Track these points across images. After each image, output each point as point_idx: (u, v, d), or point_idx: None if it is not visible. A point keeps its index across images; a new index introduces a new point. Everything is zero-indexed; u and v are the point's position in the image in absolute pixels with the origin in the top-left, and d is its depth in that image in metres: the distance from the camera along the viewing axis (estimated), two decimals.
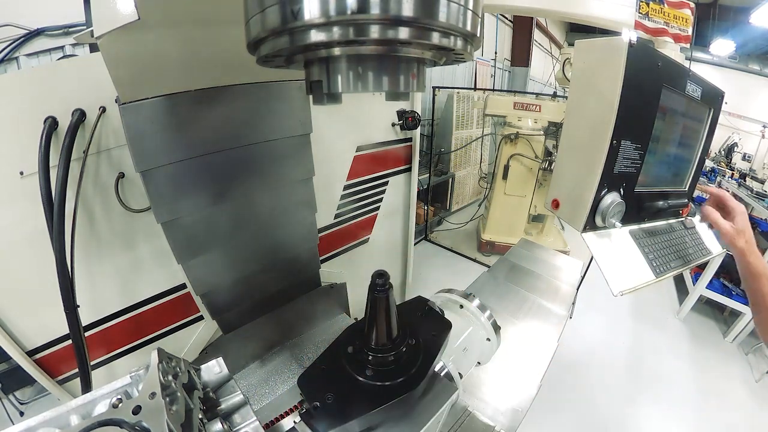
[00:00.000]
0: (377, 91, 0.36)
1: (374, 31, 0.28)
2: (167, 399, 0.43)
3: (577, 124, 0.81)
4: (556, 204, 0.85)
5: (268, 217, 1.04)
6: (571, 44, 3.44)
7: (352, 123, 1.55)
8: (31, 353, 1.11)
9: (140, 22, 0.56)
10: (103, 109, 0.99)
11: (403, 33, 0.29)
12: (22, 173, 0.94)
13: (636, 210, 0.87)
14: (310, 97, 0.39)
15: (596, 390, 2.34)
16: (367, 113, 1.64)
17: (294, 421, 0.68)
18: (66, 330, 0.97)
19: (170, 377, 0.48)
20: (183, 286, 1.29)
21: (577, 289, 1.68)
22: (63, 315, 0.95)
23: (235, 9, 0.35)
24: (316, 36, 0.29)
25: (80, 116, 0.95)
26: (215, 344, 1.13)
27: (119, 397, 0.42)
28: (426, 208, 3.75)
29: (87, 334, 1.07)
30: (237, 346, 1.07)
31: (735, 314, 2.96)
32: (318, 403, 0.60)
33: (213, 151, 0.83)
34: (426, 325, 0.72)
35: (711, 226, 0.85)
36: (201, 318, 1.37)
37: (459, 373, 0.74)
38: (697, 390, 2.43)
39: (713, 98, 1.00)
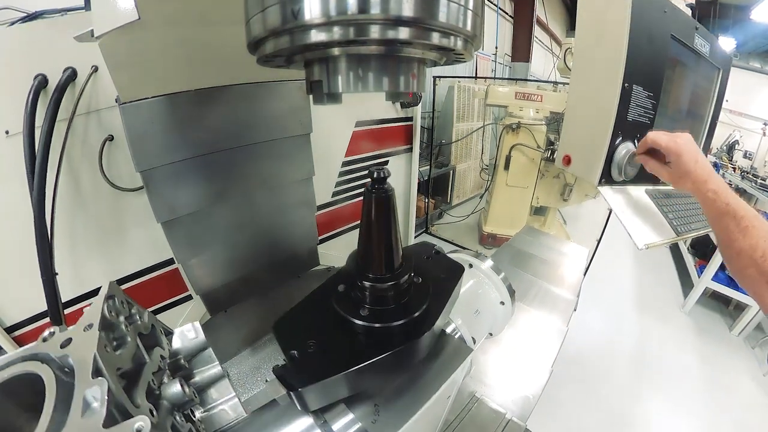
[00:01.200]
0: (377, 91, 0.36)
1: (374, 31, 0.28)
2: (113, 342, 0.38)
3: (586, 73, 0.78)
4: (567, 160, 0.80)
5: (268, 217, 1.03)
6: (571, 35, 3.42)
7: (351, 95, 1.50)
8: (9, 330, 1.05)
9: (140, 21, 0.56)
10: (95, 68, 0.95)
11: (404, 33, 0.29)
12: (7, 132, 0.90)
13: None
14: (310, 96, 0.39)
15: (603, 383, 2.29)
16: None
17: (266, 380, 0.59)
18: (46, 306, 0.92)
19: (121, 318, 0.42)
20: (171, 262, 1.23)
21: (584, 274, 1.64)
22: (43, 290, 0.90)
23: (235, 9, 0.35)
24: (316, 36, 0.29)
25: (71, 74, 0.92)
26: (205, 327, 1.08)
27: (52, 330, 0.35)
28: (426, 200, 3.70)
29: (68, 310, 1.01)
30: (228, 332, 1.03)
31: (740, 308, 2.91)
32: (296, 353, 0.48)
33: (213, 151, 0.83)
34: (434, 269, 0.60)
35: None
36: (190, 297, 1.31)
37: (472, 338, 0.67)
38: (704, 384, 2.38)
39: (722, 58, 0.97)
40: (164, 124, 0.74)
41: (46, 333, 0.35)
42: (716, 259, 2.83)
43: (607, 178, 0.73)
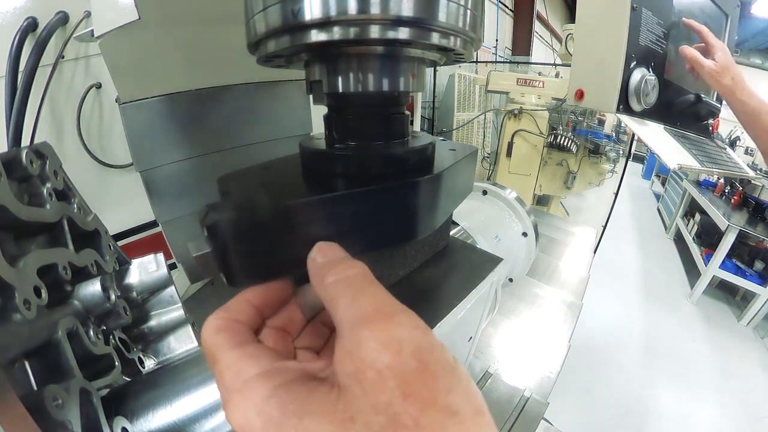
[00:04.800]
0: (377, 91, 0.36)
1: (375, 31, 0.28)
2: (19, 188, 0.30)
3: (594, 1, 0.73)
4: (580, 94, 0.75)
5: None
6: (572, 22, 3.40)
7: None
8: None
9: (140, 21, 0.56)
10: (88, 14, 0.91)
11: (404, 33, 0.29)
12: None
13: (667, 105, 0.78)
14: (310, 96, 0.39)
15: (612, 371, 2.24)
16: None
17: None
18: None
19: (48, 184, 0.33)
20: (153, 224, 1.17)
21: (594, 252, 1.59)
22: None
23: (235, 9, 0.35)
24: (316, 36, 0.29)
25: (62, 18, 0.89)
26: (195, 298, 1.02)
27: None
28: None
29: None
30: (214, 305, 0.97)
31: (748, 298, 2.85)
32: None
33: (213, 151, 0.83)
34: None
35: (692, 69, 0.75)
36: (174, 266, 1.24)
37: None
38: (714, 373, 2.33)
39: (729, 3, 0.93)
40: (164, 124, 0.74)
41: None
42: (723, 246, 2.77)
43: (624, 105, 0.69)
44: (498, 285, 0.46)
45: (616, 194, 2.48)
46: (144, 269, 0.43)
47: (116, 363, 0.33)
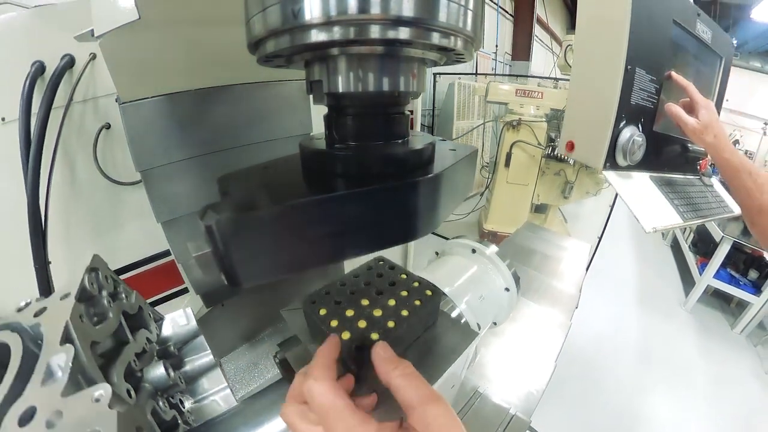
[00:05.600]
0: (377, 90, 0.36)
1: (375, 31, 0.28)
2: (89, 311, 0.36)
3: (588, 56, 0.77)
4: (570, 146, 0.78)
5: None
6: (572, 32, 3.41)
7: None
8: None
9: (141, 21, 0.55)
10: (93, 56, 0.94)
11: (404, 33, 0.29)
12: (3, 119, 0.90)
13: (655, 154, 0.82)
14: (311, 96, 0.39)
15: (606, 379, 2.27)
16: None
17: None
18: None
19: (104, 293, 0.39)
20: (167, 254, 1.22)
21: (587, 269, 1.63)
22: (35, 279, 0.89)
23: (235, 9, 0.35)
24: (316, 36, 0.29)
25: (69, 61, 0.91)
26: (201, 321, 1.07)
27: (28, 300, 0.33)
28: None
29: None
30: (225, 327, 1.01)
31: (742, 306, 2.90)
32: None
33: (213, 151, 0.83)
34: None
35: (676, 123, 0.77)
36: (185, 291, 1.29)
37: (477, 324, 0.65)
38: (707, 381, 2.36)
39: (724, 45, 0.96)
40: (164, 123, 0.74)
41: (21, 303, 0.33)
42: (717, 257, 2.81)
43: (611, 162, 0.72)
44: (477, 343, 0.51)
45: (612, 207, 2.52)
46: (176, 324, 0.52)
47: (179, 421, 0.41)
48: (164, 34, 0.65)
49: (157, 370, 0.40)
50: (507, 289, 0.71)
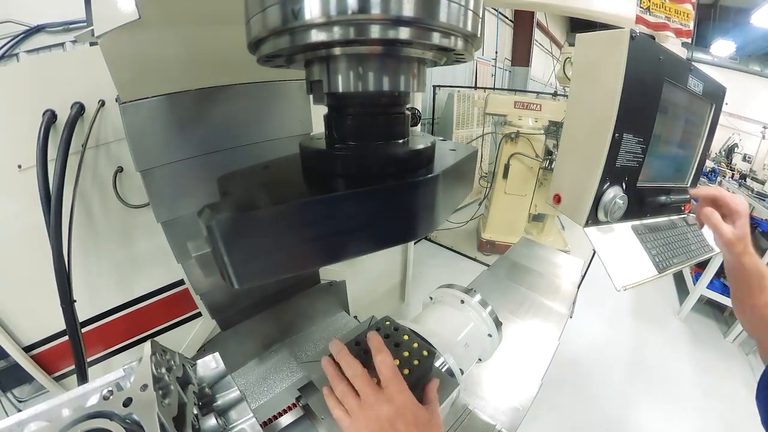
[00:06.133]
0: (378, 90, 0.35)
1: (375, 31, 0.28)
2: (160, 392, 0.42)
3: (579, 119, 0.80)
4: (557, 199, 0.84)
5: None
6: (571, 44, 3.43)
7: None
8: (27, 349, 1.10)
9: (140, 21, 0.56)
10: (102, 103, 0.97)
11: (404, 33, 0.29)
12: (20, 166, 0.93)
13: (638, 205, 0.85)
14: (311, 96, 0.39)
15: (598, 389, 2.31)
16: None
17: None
18: (63, 326, 0.96)
19: (163, 370, 0.46)
20: (181, 282, 1.28)
21: (578, 288, 1.69)
22: (60, 310, 0.93)
23: (235, 9, 0.35)
24: (316, 36, 0.29)
25: (79, 109, 0.94)
26: (213, 341, 1.12)
27: (110, 389, 0.40)
28: None
29: (84, 330, 1.05)
30: (235, 344, 1.06)
31: (734, 315, 2.94)
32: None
33: (213, 151, 0.83)
34: None
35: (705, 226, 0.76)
36: (199, 315, 1.36)
37: (460, 369, 0.72)
38: (699, 390, 2.40)
39: (715, 94, 1.00)
40: (164, 123, 0.73)
41: (105, 392, 0.40)
42: (711, 268, 2.87)
43: (593, 220, 0.77)
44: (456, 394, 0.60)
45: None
46: (207, 367, 0.60)
47: None
48: (164, 34, 0.65)
49: (210, 421, 0.50)
50: (489, 336, 0.78)
